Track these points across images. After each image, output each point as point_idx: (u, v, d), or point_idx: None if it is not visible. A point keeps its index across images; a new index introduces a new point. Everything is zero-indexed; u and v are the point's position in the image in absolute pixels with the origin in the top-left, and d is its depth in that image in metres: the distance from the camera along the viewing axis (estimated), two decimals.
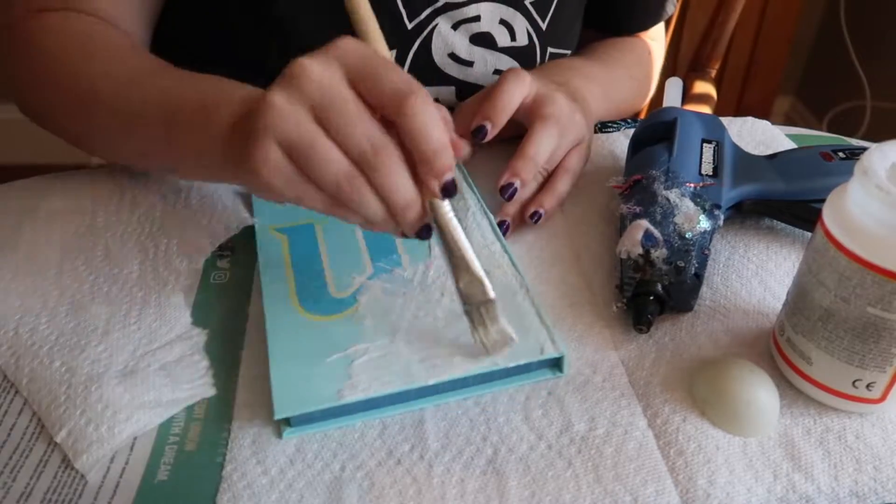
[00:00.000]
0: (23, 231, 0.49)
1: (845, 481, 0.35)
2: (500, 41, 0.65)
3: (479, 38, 0.64)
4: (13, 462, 0.36)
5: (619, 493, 0.34)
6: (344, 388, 0.37)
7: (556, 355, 0.39)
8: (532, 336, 0.40)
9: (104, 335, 0.41)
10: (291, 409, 0.36)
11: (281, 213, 0.50)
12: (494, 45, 0.65)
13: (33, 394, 0.38)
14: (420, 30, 0.62)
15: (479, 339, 0.38)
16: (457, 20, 0.62)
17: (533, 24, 0.65)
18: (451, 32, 0.63)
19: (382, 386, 0.37)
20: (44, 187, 0.54)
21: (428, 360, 0.39)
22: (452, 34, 0.63)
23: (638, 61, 0.75)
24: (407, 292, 0.43)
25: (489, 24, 0.63)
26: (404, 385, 0.37)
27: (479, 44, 0.64)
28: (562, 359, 0.39)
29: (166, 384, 0.38)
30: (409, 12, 0.61)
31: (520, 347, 0.39)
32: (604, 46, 0.74)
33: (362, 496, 0.34)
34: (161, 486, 0.35)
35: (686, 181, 0.47)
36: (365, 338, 0.40)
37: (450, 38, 0.63)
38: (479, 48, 0.64)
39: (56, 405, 0.37)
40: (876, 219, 0.33)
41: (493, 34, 0.64)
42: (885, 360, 0.35)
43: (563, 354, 0.39)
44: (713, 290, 0.46)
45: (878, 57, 1.68)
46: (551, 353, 0.39)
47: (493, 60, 0.65)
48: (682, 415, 0.38)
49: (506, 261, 0.45)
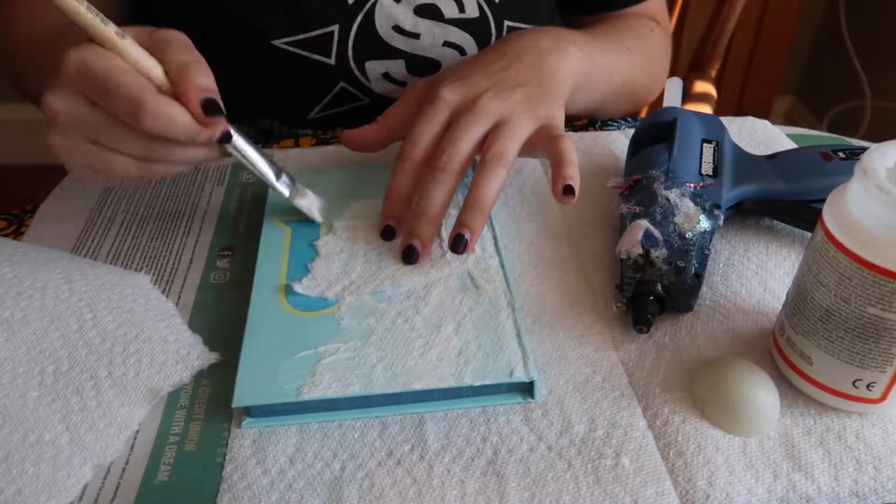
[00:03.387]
0: None
1: (845, 481, 0.35)
2: (446, 12, 0.64)
3: (423, 9, 0.63)
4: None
5: (619, 495, 0.34)
6: (304, 386, 0.37)
7: (526, 380, 0.38)
8: (504, 357, 0.39)
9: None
10: (250, 400, 0.37)
11: (290, 205, 0.50)
12: (441, 16, 0.64)
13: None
14: (361, 4, 0.62)
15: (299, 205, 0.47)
16: None
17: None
18: (394, 5, 0.63)
19: (342, 388, 0.37)
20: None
21: (393, 368, 0.38)
22: (395, 6, 0.63)
23: (636, 35, 0.69)
24: (393, 297, 0.43)
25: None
26: (363, 390, 0.37)
27: (425, 15, 0.64)
28: (533, 384, 0.38)
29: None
30: None
31: (489, 367, 0.38)
32: (594, 26, 0.69)
33: (362, 496, 0.34)
34: (161, 487, 0.35)
35: (686, 181, 0.47)
36: (338, 338, 0.40)
37: (393, 11, 0.63)
38: (424, 20, 0.64)
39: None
40: (876, 219, 0.33)
41: (439, 6, 0.64)
42: (885, 360, 0.35)
43: (534, 380, 0.38)
44: (713, 290, 0.46)
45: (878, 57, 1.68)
46: (521, 378, 0.38)
47: (440, 32, 0.65)
48: (681, 415, 0.38)
49: (500, 276, 0.45)
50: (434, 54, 0.66)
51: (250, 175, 0.56)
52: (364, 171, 0.55)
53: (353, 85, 0.66)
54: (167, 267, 0.48)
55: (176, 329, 0.42)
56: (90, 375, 0.38)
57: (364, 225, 0.49)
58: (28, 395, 0.37)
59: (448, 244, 0.45)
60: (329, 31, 0.63)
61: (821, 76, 1.92)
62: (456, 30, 0.65)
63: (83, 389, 0.38)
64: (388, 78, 0.67)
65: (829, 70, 1.86)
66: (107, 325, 0.41)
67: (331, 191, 0.52)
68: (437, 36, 0.65)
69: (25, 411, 0.36)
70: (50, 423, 0.36)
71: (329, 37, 0.63)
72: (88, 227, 0.52)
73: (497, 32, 0.66)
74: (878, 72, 1.68)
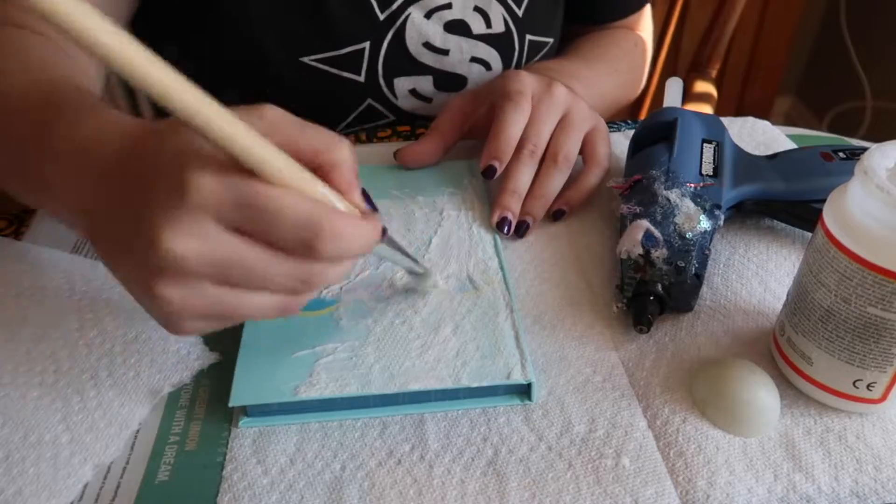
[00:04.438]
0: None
1: (846, 481, 0.35)
2: (474, 28, 0.64)
3: (453, 25, 0.64)
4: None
5: (620, 495, 0.34)
6: (301, 386, 0.37)
7: (524, 382, 0.38)
8: (502, 359, 0.39)
9: None
10: (247, 399, 0.37)
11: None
12: (469, 32, 0.64)
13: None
14: (392, 20, 0.62)
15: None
16: (429, 8, 0.62)
17: (509, 10, 0.65)
18: (425, 21, 0.63)
19: (339, 388, 0.37)
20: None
21: (390, 368, 0.38)
22: (426, 23, 0.63)
23: (623, 54, 0.74)
24: (391, 297, 0.43)
25: (462, 11, 0.63)
26: (360, 390, 0.37)
27: (454, 31, 0.64)
28: (531, 386, 0.38)
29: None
30: (381, 3, 0.61)
31: (487, 369, 0.38)
32: (586, 43, 0.73)
33: (363, 496, 0.34)
34: (161, 487, 0.35)
35: (686, 181, 0.47)
36: (336, 338, 0.40)
37: (423, 28, 0.63)
38: (453, 36, 0.64)
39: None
40: (876, 219, 0.33)
41: (468, 21, 0.64)
42: (885, 360, 0.35)
43: (532, 382, 0.38)
44: (713, 290, 0.46)
45: (878, 57, 1.68)
46: (518, 380, 0.38)
47: (468, 48, 0.65)
48: (682, 415, 0.38)
49: (499, 278, 0.45)
50: (461, 70, 0.66)
51: None
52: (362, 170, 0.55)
53: (380, 101, 0.67)
54: None
55: None
56: (90, 375, 0.38)
57: None
58: (28, 394, 0.37)
59: (512, 229, 0.50)
60: (360, 48, 0.62)
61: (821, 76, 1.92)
62: (483, 45, 0.65)
63: (83, 389, 0.38)
64: (415, 94, 0.67)
65: (829, 70, 1.86)
66: (107, 324, 0.41)
67: None
68: (465, 51, 0.65)
69: (26, 411, 0.36)
70: (50, 422, 0.36)
71: (360, 54, 0.63)
72: None
73: (520, 47, 0.67)
74: (878, 72, 1.68)
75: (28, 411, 0.36)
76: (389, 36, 0.63)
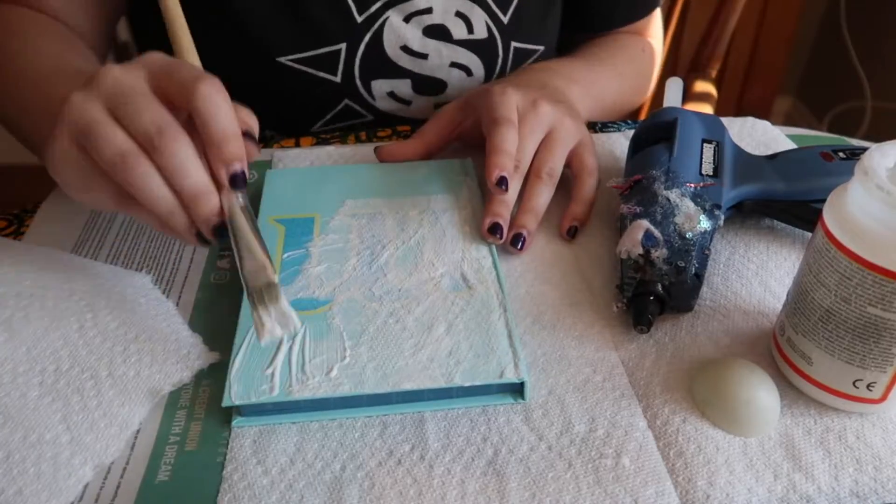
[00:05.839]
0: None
1: (846, 481, 0.35)
2: (455, 34, 0.64)
3: (432, 30, 0.64)
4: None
5: (620, 495, 0.34)
6: (295, 385, 0.37)
7: (517, 381, 0.38)
8: (495, 358, 0.39)
9: None
10: (240, 399, 0.37)
11: (284, 203, 0.50)
12: (450, 37, 0.64)
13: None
14: (370, 23, 0.62)
15: (256, 320, 0.35)
16: (408, 12, 0.62)
17: (493, 17, 0.65)
18: (403, 25, 0.63)
19: (332, 388, 0.37)
20: None
21: (383, 368, 0.38)
22: (404, 27, 0.63)
23: (629, 58, 0.73)
24: (384, 297, 0.43)
25: (442, 16, 0.63)
26: (353, 390, 0.37)
27: (433, 36, 0.64)
28: (524, 385, 0.38)
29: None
30: (359, 6, 0.61)
31: (480, 368, 0.38)
32: (592, 47, 0.73)
33: (363, 496, 0.34)
34: (162, 487, 0.35)
35: (686, 181, 0.47)
36: (329, 337, 0.40)
37: (402, 31, 0.63)
38: (432, 41, 0.64)
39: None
40: (876, 219, 0.33)
41: (448, 26, 0.64)
42: (885, 360, 0.35)
43: (525, 381, 0.38)
44: (713, 290, 0.46)
45: (878, 57, 1.68)
46: (511, 378, 0.37)
47: (448, 53, 0.65)
48: (681, 415, 0.38)
49: (492, 277, 0.45)
50: (441, 75, 0.66)
51: (250, 176, 0.54)
52: (357, 169, 0.55)
53: (358, 102, 0.67)
54: (167, 267, 0.48)
55: (176, 329, 0.42)
56: (90, 375, 0.38)
57: (357, 223, 0.49)
58: (28, 394, 0.37)
59: (508, 242, 0.49)
60: (336, 49, 0.63)
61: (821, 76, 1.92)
62: (464, 51, 0.65)
63: (84, 389, 0.38)
64: (394, 97, 0.67)
65: (829, 70, 1.86)
66: (107, 324, 0.41)
67: (325, 188, 0.52)
68: (444, 56, 0.65)
69: (26, 411, 0.36)
70: (50, 422, 0.36)
71: (336, 55, 0.63)
72: (88, 227, 0.52)
73: (504, 54, 0.67)
74: (878, 72, 1.68)
75: (28, 411, 0.36)
76: (367, 38, 0.63)
